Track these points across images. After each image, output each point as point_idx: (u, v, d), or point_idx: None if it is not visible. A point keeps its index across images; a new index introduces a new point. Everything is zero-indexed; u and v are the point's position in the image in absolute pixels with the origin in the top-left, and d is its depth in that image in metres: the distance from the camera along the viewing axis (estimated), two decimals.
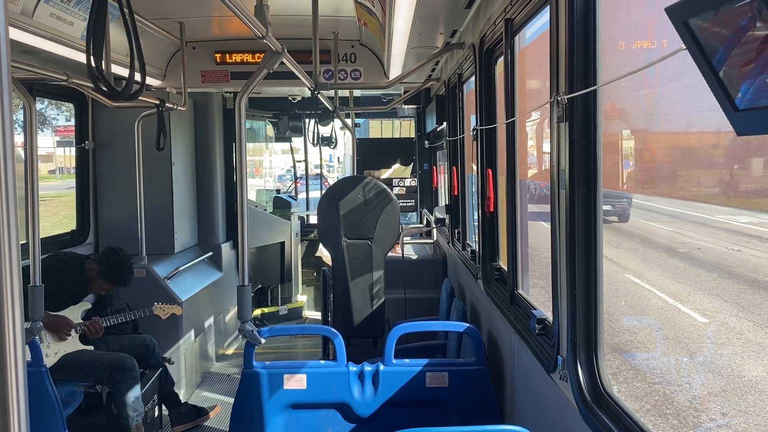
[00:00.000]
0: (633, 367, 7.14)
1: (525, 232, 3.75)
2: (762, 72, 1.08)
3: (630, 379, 6.78)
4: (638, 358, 7.39)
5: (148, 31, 5.50)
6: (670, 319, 8.67)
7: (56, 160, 31.21)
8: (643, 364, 7.19)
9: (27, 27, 3.93)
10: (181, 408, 5.60)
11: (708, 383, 6.56)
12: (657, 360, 7.40)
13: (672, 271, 11.19)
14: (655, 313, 9.04)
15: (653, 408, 6.01)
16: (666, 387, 6.54)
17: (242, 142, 2.99)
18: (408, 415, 3.32)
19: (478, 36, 4.07)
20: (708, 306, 8.96)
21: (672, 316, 8.76)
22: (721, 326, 8.14)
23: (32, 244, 3.49)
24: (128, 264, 5.05)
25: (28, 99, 3.65)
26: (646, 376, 6.84)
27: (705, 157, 6.69)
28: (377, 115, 11.25)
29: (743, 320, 8.18)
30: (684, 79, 2.09)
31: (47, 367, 3.91)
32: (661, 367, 7.20)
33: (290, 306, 9.28)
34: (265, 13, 2.71)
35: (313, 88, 4.41)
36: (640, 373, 6.92)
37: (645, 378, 6.78)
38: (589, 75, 2.20)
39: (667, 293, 9.78)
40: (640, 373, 6.93)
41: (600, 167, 2.24)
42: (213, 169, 7.72)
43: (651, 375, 6.87)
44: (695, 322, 8.39)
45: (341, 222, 5.34)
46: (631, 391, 6.39)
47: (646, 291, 10.12)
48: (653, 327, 8.56)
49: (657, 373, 6.95)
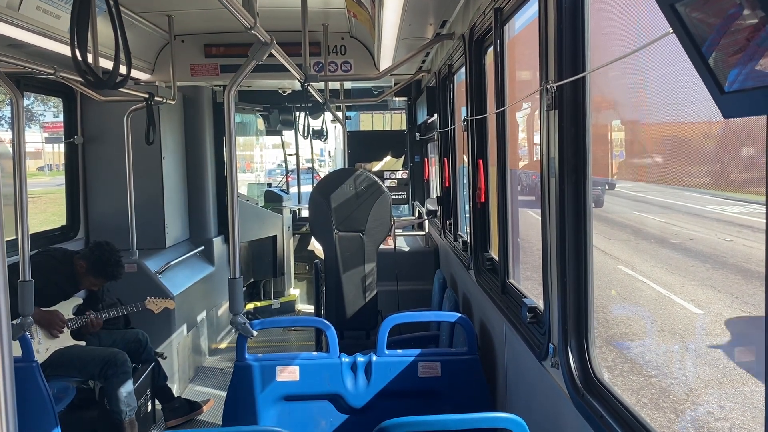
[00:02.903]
0: (629, 360, 7.14)
1: (516, 222, 3.75)
2: (751, 59, 1.08)
3: (626, 372, 6.78)
4: (633, 351, 7.40)
5: (136, 24, 5.47)
6: (665, 310, 8.70)
7: (45, 157, 30.98)
8: (638, 357, 7.20)
9: (13, 20, 3.89)
10: (174, 402, 5.59)
11: (704, 374, 6.57)
12: (652, 352, 7.41)
13: (665, 262, 11.23)
14: (649, 305, 9.06)
15: (650, 402, 6.02)
16: (662, 380, 6.54)
17: (232, 135, 2.98)
18: (401, 406, 3.32)
19: (467, 26, 4.06)
20: (702, 297, 8.98)
21: (666, 307, 8.79)
22: (715, 317, 8.15)
23: (21, 240, 3.47)
24: (116, 258, 5.00)
25: (15, 93, 3.62)
26: (642, 368, 6.85)
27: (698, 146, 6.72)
28: (368, 107, 11.24)
29: (737, 310, 8.20)
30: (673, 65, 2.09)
31: (38, 363, 3.89)
32: (657, 359, 7.22)
33: (283, 300, 9.27)
34: (253, 4, 2.70)
35: (302, 80, 4.39)
36: (636, 366, 6.93)
37: (641, 371, 6.79)
38: (578, 62, 2.20)
39: (661, 284, 9.81)
40: (636, 366, 6.94)
41: (589, 155, 2.25)
42: (203, 163, 7.69)
43: (647, 368, 6.87)
44: (690, 313, 8.41)
45: (333, 215, 5.33)
46: (627, 384, 6.38)
47: (638, 282, 10.16)
48: (647, 318, 8.59)
49: (653, 366, 6.96)
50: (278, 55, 3.28)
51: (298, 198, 10.46)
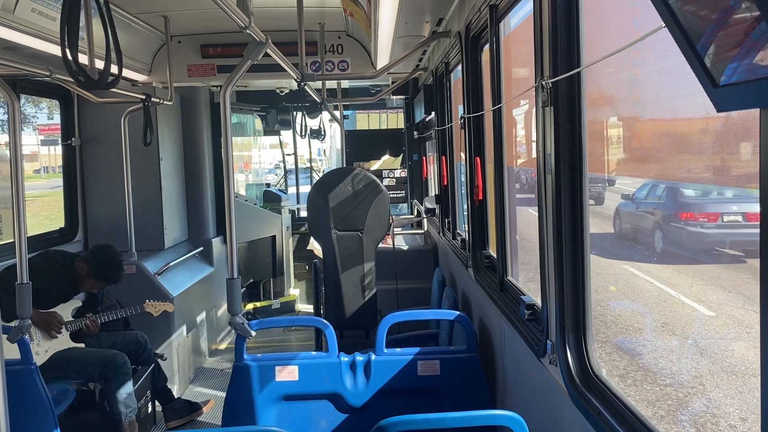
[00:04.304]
0: (642, 368, 6.98)
1: (513, 219, 3.75)
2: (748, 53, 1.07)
3: (639, 381, 6.66)
4: (646, 357, 7.22)
5: (132, 25, 5.46)
6: (675, 312, 8.48)
7: (41, 159, 30.97)
8: (651, 364, 7.03)
9: (8, 23, 3.89)
10: (174, 403, 5.59)
11: (724, 384, 6.40)
12: (666, 359, 7.22)
13: (674, 260, 10.84)
14: (658, 306, 8.85)
15: (667, 414, 5.91)
16: (679, 390, 6.40)
17: (228, 135, 2.97)
18: (400, 404, 3.32)
19: (463, 23, 4.06)
20: (713, 298, 8.61)
21: (677, 308, 8.55)
22: (728, 319, 7.90)
23: (19, 242, 3.46)
24: (117, 262, 5.01)
25: (11, 96, 3.61)
26: (656, 377, 6.70)
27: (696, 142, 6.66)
28: (365, 106, 11.23)
29: (750, 312, 8.00)
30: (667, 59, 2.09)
31: (37, 365, 3.89)
32: (671, 366, 7.06)
33: (283, 300, 9.27)
34: (248, 3, 2.69)
35: (299, 79, 4.39)
36: (650, 374, 6.78)
37: (655, 380, 6.65)
38: (573, 57, 2.20)
39: (668, 284, 9.49)
40: (649, 374, 6.79)
41: (585, 151, 2.24)
42: (201, 163, 7.68)
43: (662, 376, 6.72)
44: (702, 315, 8.12)
45: (331, 214, 5.33)
46: (642, 395, 6.26)
47: (642, 281, 10.00)
48: (657, 321, 8.41)
49: (667, 374, 6.79)
50: (274, 54, 3.27)
51: (297, 198, 10.46)
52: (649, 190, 10.21)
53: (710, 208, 8.94)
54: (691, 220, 9.30)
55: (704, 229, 9.09)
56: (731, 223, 8.84)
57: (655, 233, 10.26)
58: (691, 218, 9.26)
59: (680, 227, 9.61)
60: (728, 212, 8.70)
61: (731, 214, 8.69)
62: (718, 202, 8.93)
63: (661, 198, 10.04)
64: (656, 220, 10.11)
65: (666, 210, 9.81)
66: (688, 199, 9.48)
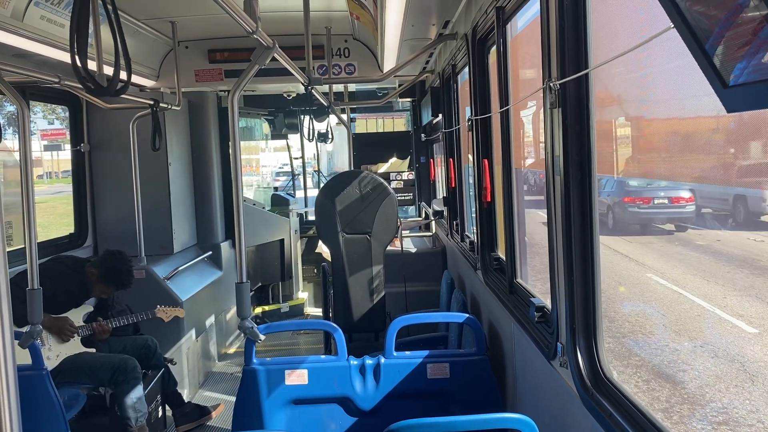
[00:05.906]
0: (665, 377, 6.85)
1: (522, 221, 3.74)
2: (757, 52, 1.07)
3: (657, 389, 6.55)
4: (670, 367, 7.10)
5: (140, 31, 5.48)
6: (695, 319, 8.34)
7: (44, 165, 31.19)
8: (676, 375, 6.90)
9: (18, 30, 3.91)
10: (184, 408, 5.61)
11: (753, 397, 6.25)
12: (691, 369, 7.08)
13: (696, 267, 10.75)
14: (678, 314, 8.70)
15: None
16: (700, 399, 6.27)
17: (236, 139, 2.99)
18: (410, 407, 3.31)
19: (470, 26, 4.05)
20: (750, 311, 8.46)
21: (703, 318, 8.39)
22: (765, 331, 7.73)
23: (29, 248, 3.48)
24: (128, 267, 5.04)
25: (21, 103, 3.64)
26: (677, 387, 6.58)
27: None
28: (372, 109, 11.22)
29: None
30: None
31: (48, 370, 3.91)
32: (694, 377, 6.91)
33: (291, 303, 9.28)
34: (255, 8, 2.70)
35: (306, 83, 4.40)
36: (671, 384, 6.64)
37: (677, 390, 6.52)
38: (581, 59, 2.19)
39: (696, 293, 9.31)
40: (672, 384, 6.64)
41: (594, 152, 2.23)
42: (210, 168, 7.71)
43: (683, 386, 6.58)
44: (734, 327, 7.91)
45: (339, 217, 5.32)
46: (662, 406, 6.14)
47: (664, 288, 9.84)
48: (673, 326, 8.27)
49: (695, 385, 6.65)
50: (281, 59, 3.28)
51: (305, 201, 10.47)
52: (606, 182, 13.01)
53: (645, 194, 12.71)
54: (631, 203, 12.96)
55: (640, 210, 12.91)
56: (660, 205, 12.63)
57: (608, 214, 13.64)
58: (631, 202, 12.93)
59: (624, 209, 13.24)
60: (658, 197, 12.54)
61: (660, 198, 12.53)
62: (651, 189, 12.63)
63: (612, 188, 13.18)
64: (609, 204, 13.38)
65: (616, 196, 13.22)
66: (630, 188, 12.88)
